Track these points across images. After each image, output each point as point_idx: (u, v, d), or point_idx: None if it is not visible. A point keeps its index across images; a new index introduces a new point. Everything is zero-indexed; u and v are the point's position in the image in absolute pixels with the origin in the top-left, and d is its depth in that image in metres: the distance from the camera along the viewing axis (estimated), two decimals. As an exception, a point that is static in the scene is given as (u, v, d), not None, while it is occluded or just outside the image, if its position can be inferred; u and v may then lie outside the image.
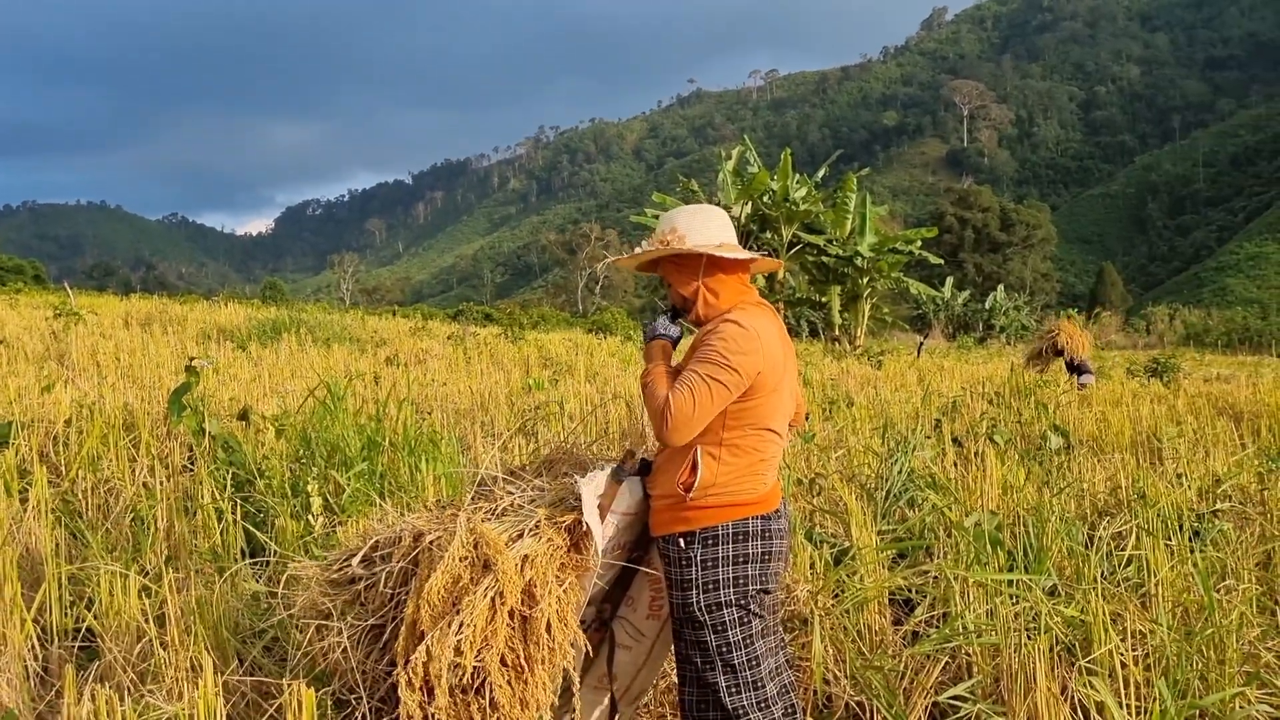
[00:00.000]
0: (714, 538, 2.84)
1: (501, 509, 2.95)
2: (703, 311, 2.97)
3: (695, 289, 2.96)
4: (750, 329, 2.82)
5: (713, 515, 2.84)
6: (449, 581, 2.74)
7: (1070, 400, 11.04)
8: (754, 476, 2.89)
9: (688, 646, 2.93)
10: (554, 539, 2.84)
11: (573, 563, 2.86)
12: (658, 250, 2.96)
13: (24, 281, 46.67)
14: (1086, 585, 4.14)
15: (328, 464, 5.84)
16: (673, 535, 2.87)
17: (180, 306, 24.10)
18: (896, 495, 5.93)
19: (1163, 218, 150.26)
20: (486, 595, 2.70)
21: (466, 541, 2.78)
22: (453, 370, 13.47)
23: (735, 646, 2.88)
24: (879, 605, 4.25)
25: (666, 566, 2.92)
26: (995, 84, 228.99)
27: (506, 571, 2.71)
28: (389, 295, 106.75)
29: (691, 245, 2.93)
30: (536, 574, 2.76)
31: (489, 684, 2.72)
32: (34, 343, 13.48)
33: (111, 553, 4.76)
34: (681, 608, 2.88)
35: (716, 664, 2.88)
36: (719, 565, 2.85)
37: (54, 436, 6.61)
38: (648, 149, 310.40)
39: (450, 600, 2.74)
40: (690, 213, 3.03)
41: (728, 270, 2.99)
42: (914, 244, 32.96)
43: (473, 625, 2.67)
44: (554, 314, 47.97)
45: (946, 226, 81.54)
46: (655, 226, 3.08)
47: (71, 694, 3.18)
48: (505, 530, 2.84)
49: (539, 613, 2.74)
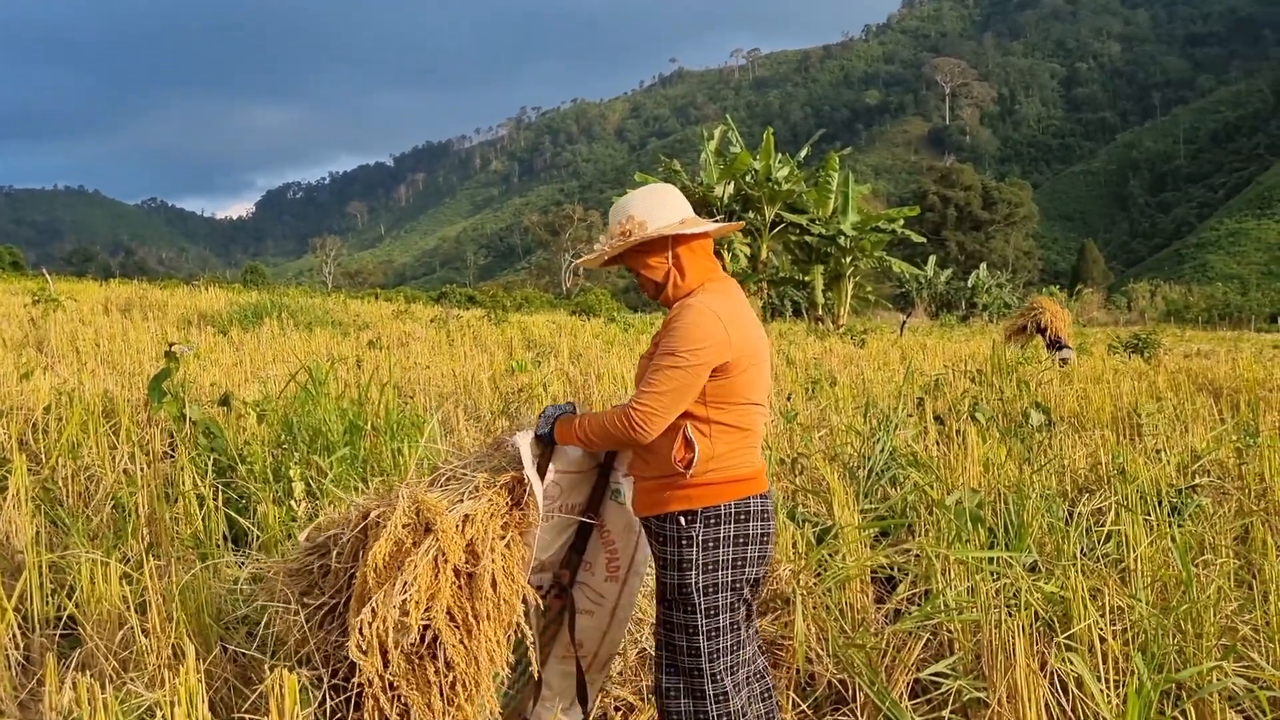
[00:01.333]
0: (716, 517, 2.82)
1: (445, 479, 3.00)
2: (672, 292, 2.92)
3: (666, 270, 2.91)
4: (711, 314, 2.77)
5: (715, 493, 2.82)
6: (392, 548, 2.78)
7: (1052, 378, 11.10)
8: (748, 450, 2.89)
9: (675, 628, 2.88)
10: (494, 499, 2.89)
11: (515, 519, 2.89)
12: (623, 243, 2.89)
13: (1, 268, 46.28)
14: (1066, 561, 4.18)
15: (310, 449, 5.82)
16: (670, 514, 2.82)
17: (160, 292, 23.95)
18: (879, 474, 5.96)
19: (1144, 194, 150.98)
20: (428, 554, 2.75)
21: (408, 510, 2.83)
22: (436, 353, 13.43)
23: (724, 630, 2.87)
24: (861, 583, 4.27)
25: (660, 545, 2.86)
26: (977, 62, 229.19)
27: (446, 531, 2.76)
28: (371, 278, 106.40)
29: (656, 229, 2.87)
30: (477, 532, 2.81)
31: (441, 644, 2.76)
32: (12, 329, 13.38)
33: (93, 540, 4.74)
34: (678, 588, 2.84)
35: (703, 647, 2.85)
36: (720, 545, 2.83)
37: (33, 424, 6.56)
38: (630, 129, 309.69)
39: (395, 566, 2.78)
40: (643, 197, 2.95)
41: (692, 245, 2.93)
42: (896, 223, 32.98)
43: (416, 585, 2.71)
44: (537, 296, 47.92)
45: (929, 205, 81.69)
46: (612, 219, 2.98)
47: (53, 682, 3.17)
48: (446, 496, 2.90)
49: (482, 569, 2.78)
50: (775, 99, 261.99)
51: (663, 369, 2.74)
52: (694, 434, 2.78)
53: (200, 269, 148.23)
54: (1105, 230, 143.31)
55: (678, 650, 2.88)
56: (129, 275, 44.72)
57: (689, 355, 2.72)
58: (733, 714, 2.88)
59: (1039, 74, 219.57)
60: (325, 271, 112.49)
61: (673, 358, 2.73)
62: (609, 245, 2.92)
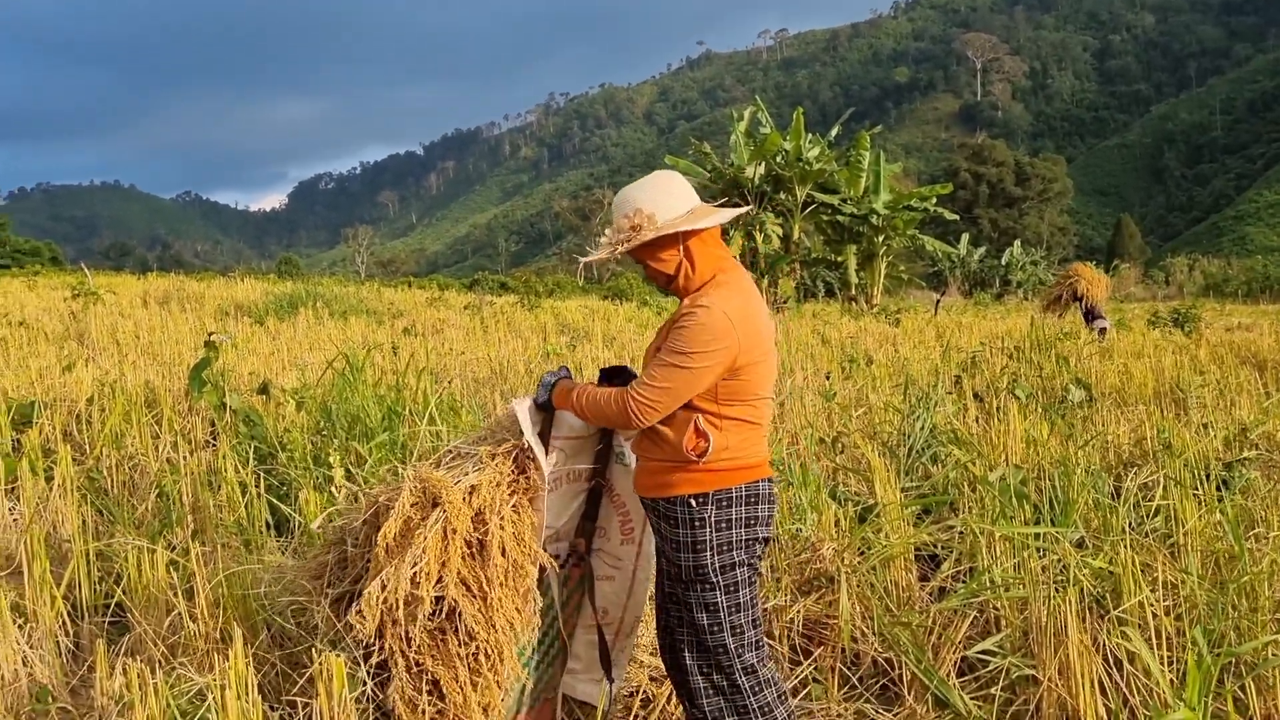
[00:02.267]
0: (728, 499, 2.80)
1: (451, 457, 3.02)
2: (684, 285, 2.85)
3: (678, 264, 2.83)
4: (723, 318, 2.71)
5: (726, 477, 2.80)
6: (402, 526, 2.84)
7: (1092, 353, 10.97)
8: (760, 441, 2.88)
9: (694, 609, 2.85)
10: (499, 467, 2.92)
11: (521, 486, 2.93)
12: (631, 240, 2.79)
13: (41, 263, 46.94)
14: (1114, 537, 4.12)
15: (349, 435, 5.85)
16: (680, 496, 2.80)
17: (197, 284, 24.18)
18: (919, 452, 5.91)
19: (1180, 167, 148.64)
20: (436, 525, 2.79)
21: (415, 489, 2.88)
22: (470, 339, 13.47)
23: (743, 607, 2.86)
24: (905, 561, 4.23)
25: (670, 527, 2.83)
26: (1008, 36, 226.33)
27: (453, 502, 2.81)
28: (404, 267, 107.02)
29: (664, 224, 2.78)
30: (484, 501, 2.85)
31: (460, 615, 2.79)
32: (53, 323, 13.55)
33: (138, 528, 4.79)
34: (693, 569, 2.82)
35: (725, 625, 2.84)
36: (733, 526, 2.81)
37: (77, 415, 6.65)
38: (658, 113, 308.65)
39: (406, 542, 2.83)
40: (649, 187, 2.84)
41: (702, 235, 2.85)
42: (929, 201, 32.70)
43: (426, 556, 2.75)
44: (569, 281, 47.94)
45: (961, 182, 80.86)
46: (617, 212, 2.86)
47: (103, 668, 3.20)
48: (452, 472, 2.93)
49: (492, 537, 2.83)
50: (804, 79, 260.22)
51: (667, 365, 2.70)
52: (706, 425, 2.76)
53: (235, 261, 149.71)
54: (1141, 204, 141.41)
55: (701, 629, 2.86)
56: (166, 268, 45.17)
57: (696, 357, 2.68)
58: (762, 683, 2.88)
59: (1071, 47, 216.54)
60: (358, 261, 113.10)
61: (680, 356, 2.69)
62: (617, 241, 2.83)
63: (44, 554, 3.93)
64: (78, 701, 3.45)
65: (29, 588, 3.91)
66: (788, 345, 12.68)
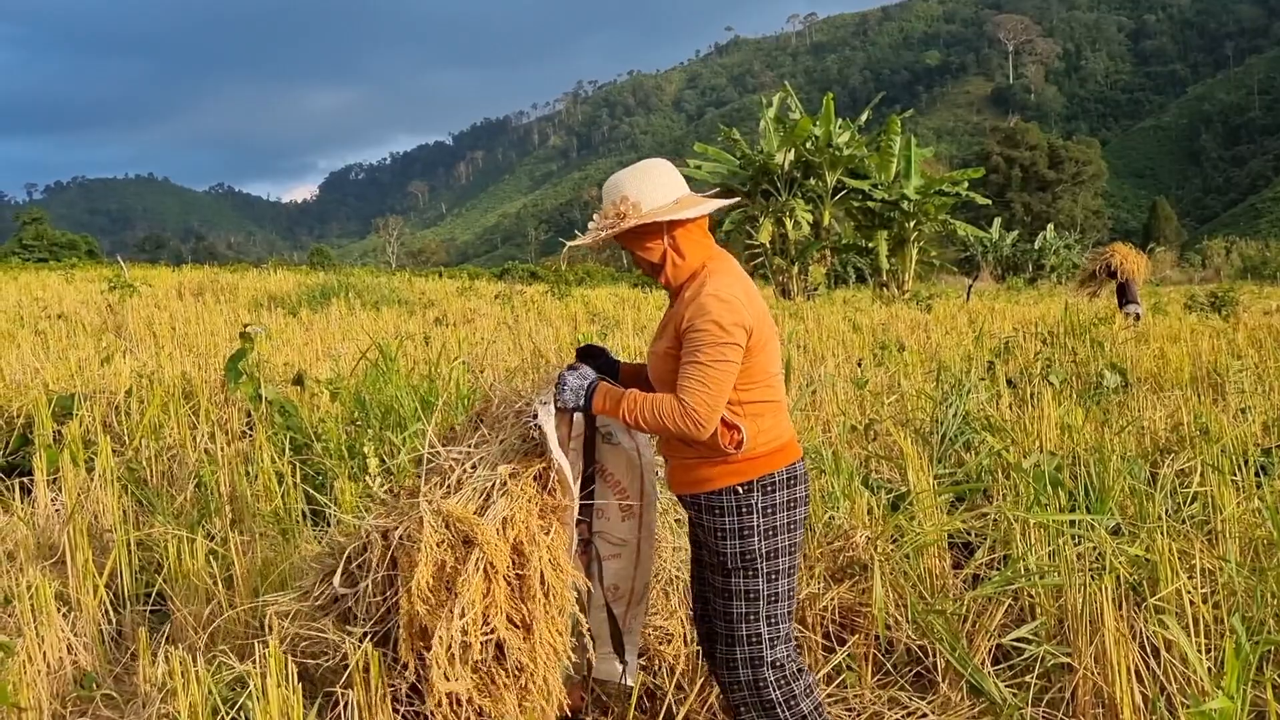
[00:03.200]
0: (772, 484, 2.82)
1: (457, 479, 2.85)
2: (672, 274, 2.84)
3: (662, 253, 2.83)
4: (730, 298, 2.72)
5: (766, 463, 2.81)
6: (435, 570, 2.69)
7: (1127, 338, 10.86)
8: (785, 416, 2.90)
9: (733, 596, 2.85)
10: (525, 490, 2.79)
11: (549, 505, 2.82)
12: (615, 227, 2.79)
13: (78, 256, 47.53)
14: (1151, 524, 4.08)
15: (383, 425, 5.89)
16: (725, 488, 2.80)
17: (231, 275, 24.43)
18: (952, 439, 5.88)
19: (1217, 148, 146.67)
20: (479, 569, 2.66)
21: (437, 525, 2.72)
22: (501, 328, 13.52)
23: (780, 597, 2.86)
24: (938, 549, 4.22)
25: (715, 518, 2.83)
26: (1041, 17, 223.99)
27: (490, 541, 2.67)
28: (434, 257, 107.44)
29: (649, 212, 2.78)
30: (519, 532, 2.72)
31: (507, 649, 2.71)
32: (91, 315, 13.74)
33: (177, 518, 4.85)
34: (740, 555, 2.82)
35: (760, 614, 2.84)
36: (778, 510, 2.83)
37: (115, 406, 6.73)
38: (687, 100, 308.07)
39: (441, 586, 2.70)
40: (637, 175, 2.85)
41: (688, 225, 2.84)
42: (960, 185, 32.42)
43: (473, 604, 2.63)
44: (599, 270, 47.94)
45: (993, 166, 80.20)
46: (605, 198, 2.87)
47: (146, 656, 3.26)
48: (469, 499, 2.78)
49: (532, 569, 2.71)
50: (833, 64, 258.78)
51: (702, 364, 2.69)
52: (733, 417, 2.76)
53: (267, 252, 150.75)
54: (1177, 187, 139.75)
55: (737, 618, 2.86)
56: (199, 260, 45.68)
57: (725, 349, 2.68)
58: (788, 677, 2.88)
59: (1105, 28, 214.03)
60: (389, 251, 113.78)
61: (712, 350, 2.68)
62: (603, 227, 2.83)
63: (86, 543, 4.00)
64: (120, 688, 3.51)
65: (72, 576, 3.98)
66: (819, 332, 12.64)
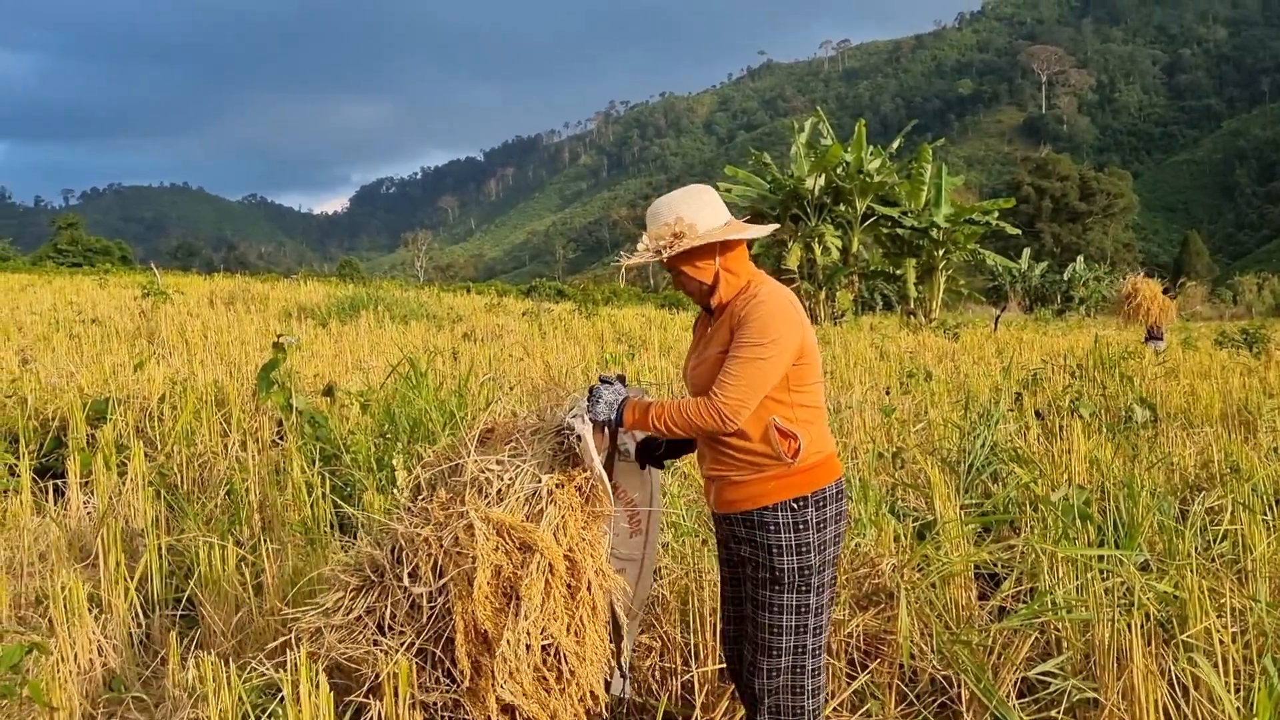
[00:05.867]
0: (824, 499, 2.89)
1: (497, 491, 2.91)
2: (725, 293, 2.94)
3: (715, 274, 2.93)
4: (788, 304, 2.85)
5: (818, 476, 2.88)
6: (491, 575, 2.77)
7: (1156, 374, 10.79)
8: (828, 426, 2.99)
9: (783, 612, 2.89)
10: (570, 499, 2.88)
11: (592, 514, 2.91)
12: (673, 247, 2.88)
13: (111, 262, 48.01)
14: (1180, 561, 4.06)
15: (411, 438, 5.93)
16: (780, 503, 2.86)
17: (262, 285, 24.62)
18: (979, 469, 5.86)
19: (1251, 184, 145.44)
20: (541, 574, 2.74)
21: (489, 532, 2.79)
22: (529, 346, 13.57)
23: (824, 609, 2.94)
24: (965, 579, 4.20)
25: (769, 534, 2.87)
26: (1075, 49, 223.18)
27: (550, 546, 2.76)
28: (462, 272, 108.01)
29: (705, 233, 2.90)
30: (572, 540, 2.82)
31: (561, 655, 2.78)
32: (124, 321, 13.89)
33: (207, 524, 4.90)
34: (797, 571, 2.87)
35: (809, 627, 2.90)
36: (828, 524, 2.90)
37: (148, 412, 6.81)
38: (718, 122, 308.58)
39: (497, 591, 2.77)
40: (691, 198, 2.95)
41: (736, 246, 2.97)
42: (991, 215, 32.27)
43: (535, 606, 2.72)
44: (626, 289, 48.01)
45: (1024, 196, 79.87)
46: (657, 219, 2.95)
47: (175, 660, 3.29)
48: (515, 506, 2.85)
49: (582, 576, 2.80)
50: (865, 90, 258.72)
51: (745, 360, 2.77)
52: (788, 424, 2.84)
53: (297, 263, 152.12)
54: (1210, 221, 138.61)
55: (783, 631, 2.90)
56: (231, 269, 46.05)
57: (770, 346, 2.77)
58: (820, 688, 2.97)
59: (1140, 60, 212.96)
60: (417, 265, 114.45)
61: (757, 348, 2.77)
62: (660, 247, 2.91)
63: (119, 547, 4.04)
64: (149, 691, 3.54)
65: (104, 579, 4.03)
66: (846, 358, 12.62)
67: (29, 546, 4.78)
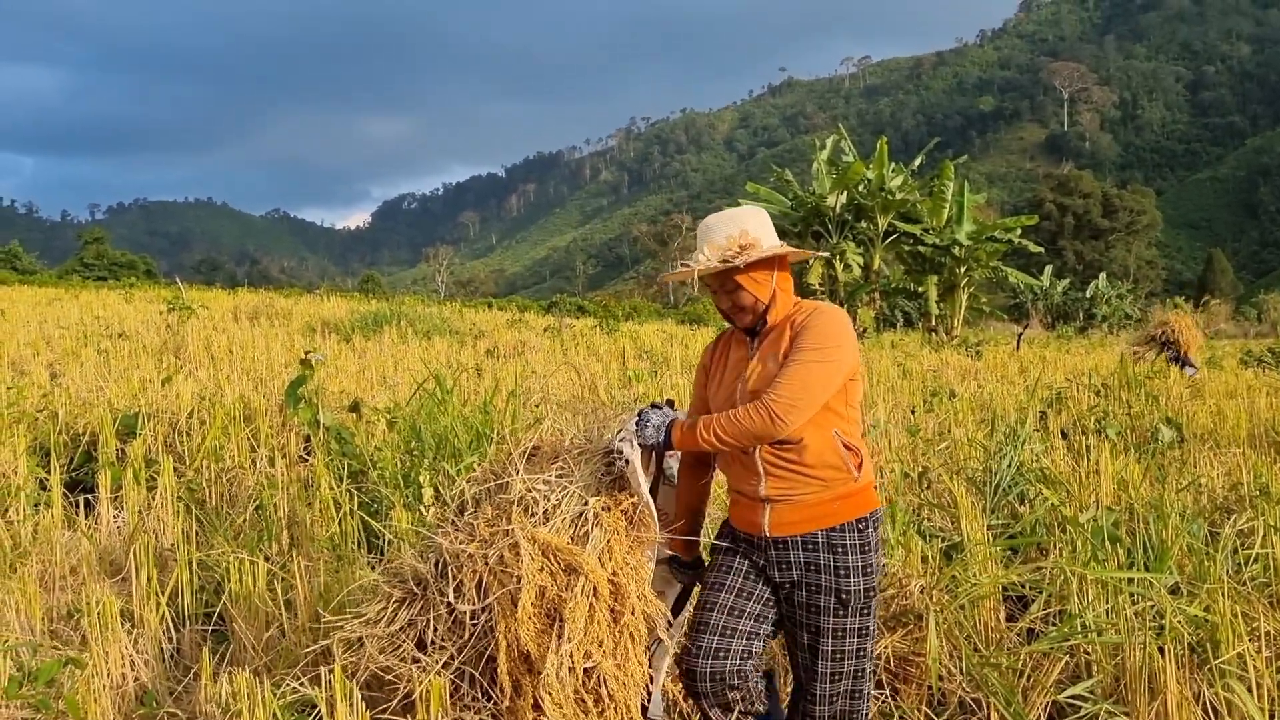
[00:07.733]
0: (877, 518, 2.93)
1: (544, 511, 2.91)
2: (780, 309, 2.96)
3: (771, 290, 2.95)
4: (844, 317, 2.90)
5: (873, 495, 2.93)
6: (535, 596, 2.76)
7: (1182, 393, 10.71)
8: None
9: (848, 635, 2.89)
10: (616, 523, 2.87)
11: (635, 539, 2.90)
12: (740, 256, 2.89)
13: (136, 276, 48.45)
14: (1212, 584, 4.03)
15: (437, 455, 5.95)
16: (849, 522, 2.87)
17: (285, 300, 24.78)
18: (1006, 489, 5.83)
19: (1276, 201, 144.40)
20: (586, 597, 2.74)
21: (535, 553, 2.78)
22: (551, 362, 13.60)
23: (876, 628, 2.99)
24: (993, 602, 4.19)
25: (839, 556, 2.86)
26: (1097, 65, 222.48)
27: (595, 570, 2.75)
28: (483, 287, 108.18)
29: (770, 247, 2.94)
30: (617, 563, 2.82)
31: (601, 677, 2.77)
32: (151, 336, 14.01)
33: (236, 539, 4.93)
34: (863, 593, 2.87)
35: (868, 650, 2.93)
36: (881, 544, 2.95)
37: (177, 427, 6.86)
38: (739, 139, 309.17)
39: (541, 612, 2.77)
40: (751, 215, 3.01)
41: (787, 265, 3.04)
42: (1013, 232, 32.19)
43: (579, 629, 2.71)
44: (646, 305, 48.05)
45: (1046, 213, 79.45)
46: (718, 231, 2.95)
47: (207, 675, 3.31)
48: (561, 528, 2.85)
49: (626, 600, 2.80)
50: (886, 107, 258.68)
51: (804, 364, 2.78)
52: (849, 438, 2.88)
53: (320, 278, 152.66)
54: (1234, 239, 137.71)
55: (845, 656, 2.90)
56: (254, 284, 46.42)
57: (832, 351, 2.80)
58: (870, 710, 3.03)
59: (1163, 77, 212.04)
60: (438, 280, 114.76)
61: (818, 352, 2.79)
62: (726, 257, 2.90)
63: (150, 561, 4.07)
64: (180, 706, 3.56)
65: (135, 594, 4.06)
66: (869, 376, 12.59)
67: (60, 560, 4.83)
